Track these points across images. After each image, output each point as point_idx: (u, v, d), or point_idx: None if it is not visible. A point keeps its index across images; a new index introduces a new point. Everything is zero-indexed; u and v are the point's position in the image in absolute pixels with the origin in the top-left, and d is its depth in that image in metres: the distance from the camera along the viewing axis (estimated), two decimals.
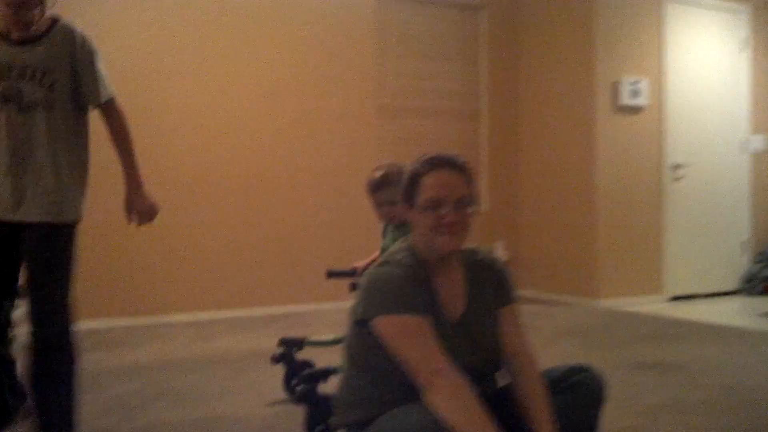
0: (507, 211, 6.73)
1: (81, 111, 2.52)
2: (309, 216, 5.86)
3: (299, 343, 3.23)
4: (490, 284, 1.97)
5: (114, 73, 4.87)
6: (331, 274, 3.28)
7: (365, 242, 5.53)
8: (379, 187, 2.92)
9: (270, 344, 3.19)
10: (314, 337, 3.30)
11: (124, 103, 2.58)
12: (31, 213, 2.39)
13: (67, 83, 2.43)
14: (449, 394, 1.68)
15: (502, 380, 1.97)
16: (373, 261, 3.28)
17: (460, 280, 1.94)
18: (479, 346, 1.89)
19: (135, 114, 5.01)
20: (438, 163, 1.88)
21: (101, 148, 2.70)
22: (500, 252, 6.51)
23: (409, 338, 1.76)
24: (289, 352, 3.21)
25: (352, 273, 3.19)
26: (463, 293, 1.93)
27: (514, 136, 6.78)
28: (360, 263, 3.21)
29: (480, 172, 6.53)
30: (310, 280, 5.46)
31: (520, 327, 1.98)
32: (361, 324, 1.85)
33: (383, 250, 3.21)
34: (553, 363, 1.99)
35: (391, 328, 1.78)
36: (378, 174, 2.93)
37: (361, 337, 1.87)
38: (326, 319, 5.17)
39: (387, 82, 6.24)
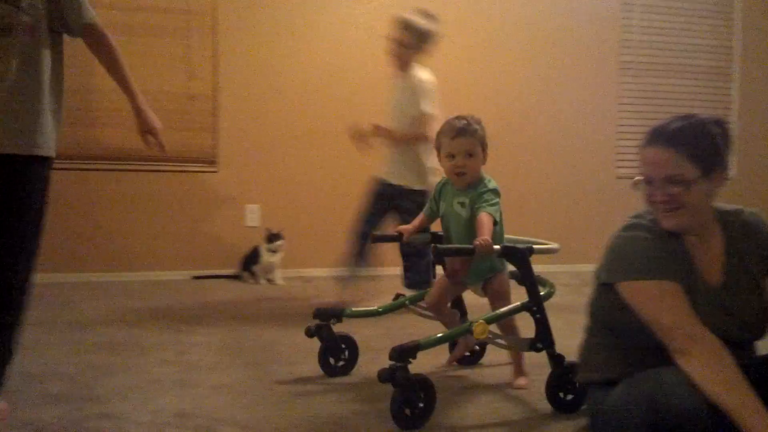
0: (758, 178, 6.22)
1: (57, 37, 2.32)
2: (545, 176, 5.82)
3: (338, 315, 2.83)
4: (756, 249, 1.85)
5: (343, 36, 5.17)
6: (376, 239, 3.05)
7: (605, 207, 5.42)
8: (459, 133, 2.59)
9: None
10: (356, 308, 2.96)
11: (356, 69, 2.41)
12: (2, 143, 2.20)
13: (44, 6, 2.22)
14: (707, 362, 1.63)
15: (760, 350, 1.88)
16: (420, 226, 2.85)
17: (719, 244, 1.85)
18: (737, 315, 1.80)
19: (362, 86, 5.26)
20: (651, 137, 1.80)
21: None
22: None
23: (660, 303, 1.73)
24: (326, 324, 2.81)
25: (397, 238, 2.85)
26: (722, 258, 1.84)
27: None
28: (405, 227, 2.86)
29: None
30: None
31: None
32: (606, 286, 1.85)
33: (431, 215, 2.83)
34: None
35: (640, 293, 1.76)
36: (460, 121, 2.62)
37: (606, 298, 1.87)
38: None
39: (631, 38, 5.99)
